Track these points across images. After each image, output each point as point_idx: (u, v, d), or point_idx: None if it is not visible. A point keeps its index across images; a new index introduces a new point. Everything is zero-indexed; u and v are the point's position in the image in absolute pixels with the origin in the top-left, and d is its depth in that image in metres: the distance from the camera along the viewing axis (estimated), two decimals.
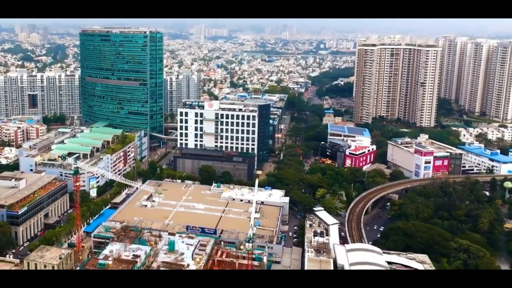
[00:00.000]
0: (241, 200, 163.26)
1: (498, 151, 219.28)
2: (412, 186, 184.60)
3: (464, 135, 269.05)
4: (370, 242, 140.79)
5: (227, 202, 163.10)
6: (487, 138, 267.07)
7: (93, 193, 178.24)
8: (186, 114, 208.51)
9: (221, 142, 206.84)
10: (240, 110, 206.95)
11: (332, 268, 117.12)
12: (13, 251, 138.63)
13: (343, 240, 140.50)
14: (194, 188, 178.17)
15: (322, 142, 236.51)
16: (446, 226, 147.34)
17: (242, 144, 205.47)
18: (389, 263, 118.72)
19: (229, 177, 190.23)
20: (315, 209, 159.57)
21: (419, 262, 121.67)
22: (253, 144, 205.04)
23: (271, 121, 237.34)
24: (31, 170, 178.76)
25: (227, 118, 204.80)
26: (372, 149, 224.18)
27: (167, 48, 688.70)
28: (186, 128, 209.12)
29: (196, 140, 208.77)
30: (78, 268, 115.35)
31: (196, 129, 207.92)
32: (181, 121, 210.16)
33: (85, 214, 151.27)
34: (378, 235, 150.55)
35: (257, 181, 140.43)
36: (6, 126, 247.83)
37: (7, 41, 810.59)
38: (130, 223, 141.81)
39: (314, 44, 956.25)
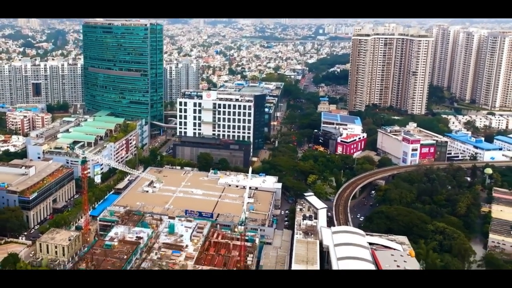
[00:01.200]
0: (237, 186, 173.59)
1: (483, 138, 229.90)
2: (398, 173, 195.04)
3: (453, 123, 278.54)
4: (360, 224, 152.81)
5: (224, 187, 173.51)
6: (475, 125, 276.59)
7: (97, 179, 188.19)
8: (185, 104, 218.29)
9: (219, 131, 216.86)
10: (236, 100, 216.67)
11: (318, 249, 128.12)
12: (25, 233, 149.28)
13: (331, 222, 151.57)
14: (193, 174, 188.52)
15: (316, 130, 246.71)
16: (427, 210, 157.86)
17: (239, 132, 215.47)
18: (370, 244, 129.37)
19: (226, 164, 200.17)
20: (305, 194, 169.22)
21: (399, 243, 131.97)
22: (249, 133, 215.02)
23: (266, 110, 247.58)
24: (39, 158, 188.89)
25: (224, 108, 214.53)
26: (363, 136, 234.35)
27: (167, 33, 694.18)
28: (185, 117, 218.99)
29: (195, 129, 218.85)
30: (86, 249, 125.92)
31: (194, 118, 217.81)
32: (180, 110, 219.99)
33: (91, 199, 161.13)
34: (361, 219, 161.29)
35: (250, 169, 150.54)
36: (13, 115, 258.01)
37: (7, 26, 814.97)
38: (133, 207, 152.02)
39: (313, 29, 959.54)
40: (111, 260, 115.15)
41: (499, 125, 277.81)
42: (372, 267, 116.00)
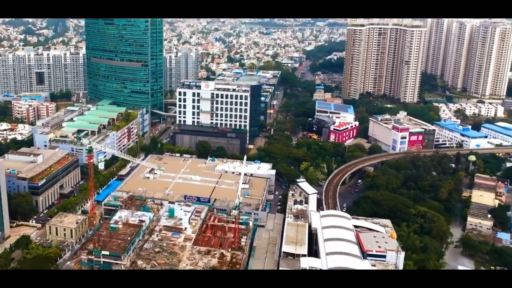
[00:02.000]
0: (233, 173, 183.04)
1: (469, 126, 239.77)
2: (387, 160, 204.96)
3: (444, 111, 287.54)
4: (344, 209, 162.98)
5: (221, 174, 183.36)
6: (464, 113, 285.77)
7: (101, 166, 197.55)
8: (185, 93, 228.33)
9: (216, 119, 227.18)
10: (234, 90, 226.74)
11: (306, 231, 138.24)
12: (35, 217, 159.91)
13: (321, 207, 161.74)
14: (191, 161, 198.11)
15: (310, 118, 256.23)
16: (411, 195, 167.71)
17: (235, 121, 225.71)
18: (356, 226, 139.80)
19: (223, 152, 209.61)
20: (298, 180, 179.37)
21: (382, 226, 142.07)
22: (245, 121, 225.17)
23: (263, 99, 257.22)
24: (45, 146, 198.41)
25: (222, 97, 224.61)
26: (355, 125, 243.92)
27: (166, 19, 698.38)
28: (185, 107, 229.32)
29: (194, 118, 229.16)
30: (93, 231, 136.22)
31: (193, 107, 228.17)
32: (179, 100, 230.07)
33: (95, 185, 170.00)
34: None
35: (245, 157, 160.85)
36: (18, 104, 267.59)
37: None
38: (135, 193, 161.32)
39: None
40: (116, 241, 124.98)
41: (487, 113, 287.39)
42: (355, 247, 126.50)
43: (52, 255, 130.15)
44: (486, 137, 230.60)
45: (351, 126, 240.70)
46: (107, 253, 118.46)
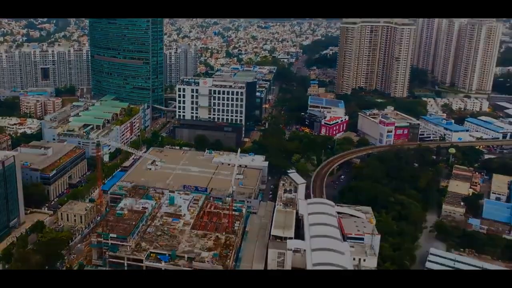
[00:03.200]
0: (229, 164, 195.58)
1: (453, 121, 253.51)
2: (372, 152, 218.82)
3: (431, 105, 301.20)
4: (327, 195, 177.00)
5: (217, 165, 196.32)
6: (451, 108, 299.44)
7: (106, 158, 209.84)
8: (184, 90, 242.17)
9: (214, 114, 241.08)
10: (230, 86, 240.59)
11: (294, 217, 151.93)
12: (47, 205, 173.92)
13: (308, 195, 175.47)
14: (190, 154, 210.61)
15: (303, 113, 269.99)
16: (393, 185, 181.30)
17: (232, 116, 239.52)
18: (339, 213, 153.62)
19: (220, 145, 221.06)
20: (289, 171, 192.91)
21: (364, 212, 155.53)
22: (241, 116, 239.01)
23: (258, 94, 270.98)
24: (54, 139, 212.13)
25: (219, 93, 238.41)
26: (345, 119, 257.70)
27: None
28: (184, 102, 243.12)
29: (192, 112, 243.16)
30: (101, 217, 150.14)
31: (192, 103, 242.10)
32: (179, 96, 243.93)
33: (101, 176, 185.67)
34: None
35: (239, 150, 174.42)
36: (26, 99, 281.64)
37: None
38: (138, 183, 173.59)
39: None
40: (122, 225, 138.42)
41: (473, 107, 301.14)
42: (337, 231, 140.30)
43: (65, 238, 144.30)
44: (467, 130, 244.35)
45: (341, 120, 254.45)
46: (114, 235, 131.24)
